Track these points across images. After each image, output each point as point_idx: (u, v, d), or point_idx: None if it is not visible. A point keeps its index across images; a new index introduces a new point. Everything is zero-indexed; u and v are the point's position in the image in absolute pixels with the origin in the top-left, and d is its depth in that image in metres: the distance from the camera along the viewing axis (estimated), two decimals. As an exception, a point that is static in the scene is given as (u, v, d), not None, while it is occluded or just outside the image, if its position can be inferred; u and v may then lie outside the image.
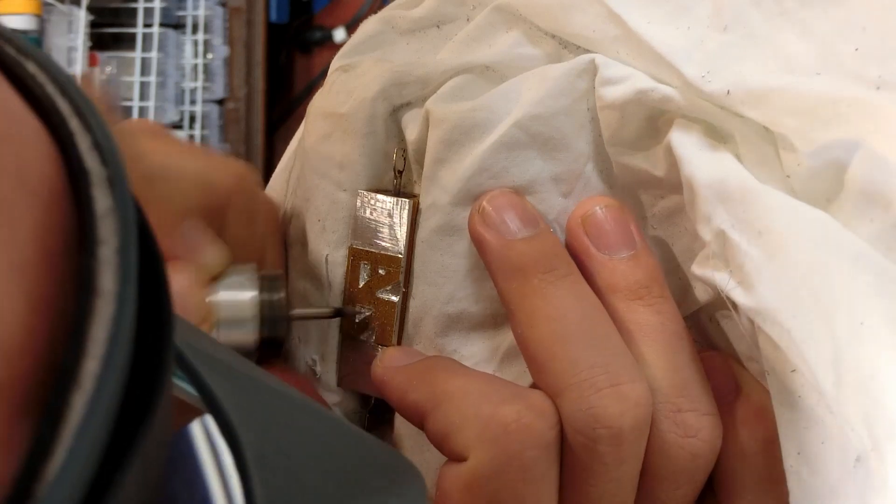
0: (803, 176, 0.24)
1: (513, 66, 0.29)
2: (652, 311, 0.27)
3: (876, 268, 0.22)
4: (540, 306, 0.26)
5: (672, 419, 0.25)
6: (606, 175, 0.29)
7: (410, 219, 0.30)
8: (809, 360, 0.22)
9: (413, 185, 0.31)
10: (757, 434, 0.26)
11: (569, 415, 0.25)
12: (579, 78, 0.28)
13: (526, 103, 0.28)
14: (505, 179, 0.28)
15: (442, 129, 0.29)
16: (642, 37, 0.26)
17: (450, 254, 0.29)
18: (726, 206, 0.24)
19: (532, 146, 0.28)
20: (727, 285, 0.24)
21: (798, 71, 0.24)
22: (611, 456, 0.25)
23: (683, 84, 0.25)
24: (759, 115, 0.24)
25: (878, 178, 0.23)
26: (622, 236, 0.27)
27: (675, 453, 0.25)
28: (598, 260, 0.27)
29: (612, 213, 0.28)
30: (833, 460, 0.22)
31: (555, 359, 0.25)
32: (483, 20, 0.30)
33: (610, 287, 0.27)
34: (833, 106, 0.23)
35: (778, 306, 0.23)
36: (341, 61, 0.32)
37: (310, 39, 1.59)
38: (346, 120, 0.31)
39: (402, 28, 0.32)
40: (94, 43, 1.34)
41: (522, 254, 0.27)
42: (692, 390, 0.26)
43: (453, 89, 0.29)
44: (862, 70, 0.23)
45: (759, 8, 0.24)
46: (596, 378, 0.25)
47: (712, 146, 0.26)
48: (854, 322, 0.22)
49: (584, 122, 0.28)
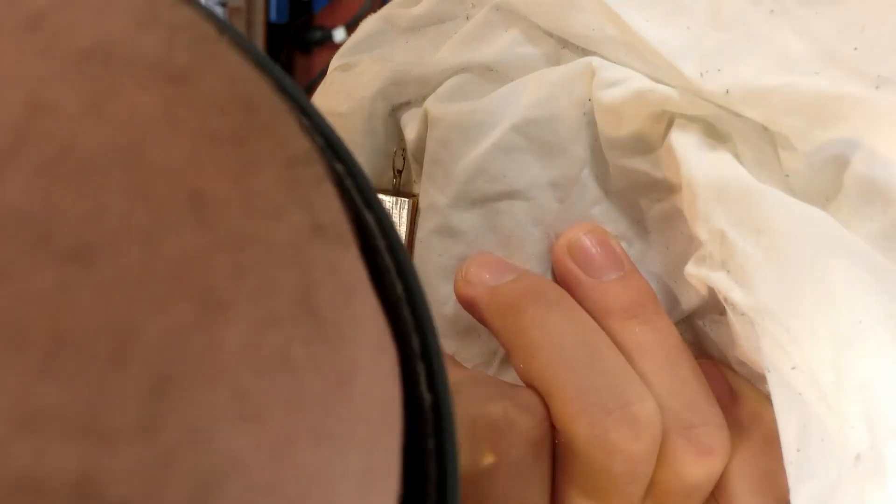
0: (802, 175, 0.24)
1: (512, 65, 0.29)
2: (648, 328, 0.27)
3: (875, 267, 0.22)
4: (538, 336, 0.26)
5: (685, 436, 0.25)
6: (602, 181, 0.28)
7: (410, 218, 0.30)
8: (809, 358, 0.22)
9: (413, 184, 0.31)
10: (753, 437, 0.26)
11: (583, 441, 0.25)
12: (576, 82, 0.28)
13: (523, 107, 0.28)
14: (502, 183, 0.28)
15: (440, 128, 0.29)
16: (641, 36, 0.26)
17: (447, 255, 0.29)
18: (725, 205, 0.24)
19: (529, 150, 0.28)
20: (725, 285, 0.24)
21: (797, 70, 0.24)
22: (624, 477, 0.25)
23: (682, 83, 0.25)
24: (757, 115, 0.24)
25: (878, 177, 0.23)
26: (609, 259, 0.27)
27: (688, 471, 0.25)
28: (589, 285, 0.27)
29: (597, 238, 0.28)
30: (832, 458, 0.22)
31: (560, 386, 0.25)
32: (482, 19, 0.30)
33: (604, 310, 0.27)
34: (832, 105, 0.23)
35: (777, 305, 0.23)
36: (340, 60, 0.32)
37: (310, 39, 1.59)
38: (345, 119, 0.31)
39: (401, 26, 0.32)
40: (93, 43, 1.34)
41: (511, 292, 0.27)
42: (700, 404, 0.26)
43: (452, 88, 0.29)
44: (861, 69, 0.23)
45: (758, 6, 0.24)
46: (604, 401, 0.25)
47: (711, 146, 0.26)
48: (853, 321, 0.22)
49: (581, 126, 0.28)
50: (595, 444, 0.24)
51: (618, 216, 0.29)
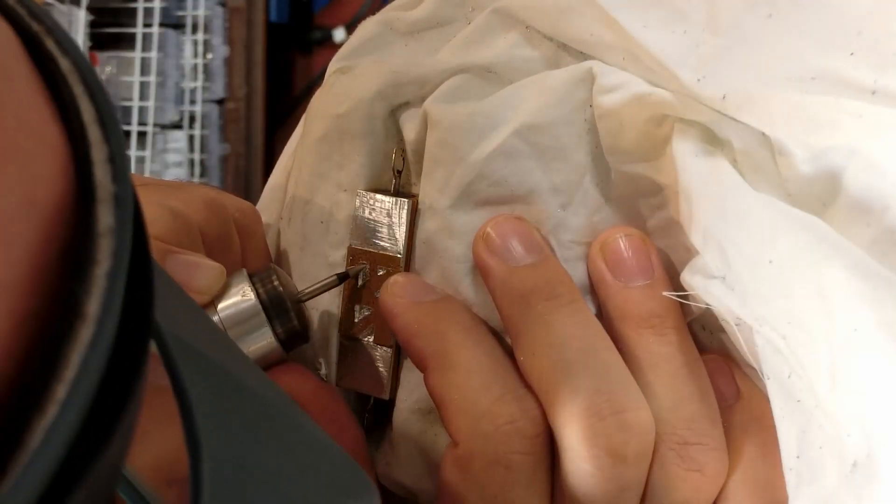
0: (799, 181, 0.24)
1: (511, 67, 0.29)
2: (663, 341, 0.26)
3: (870, 274, 0.22)
4: (542, 334, 0.26)
5: (677, 451, 0.25)
6: (604, 188, 0.28)
7: (409, 219, 0.30)
8: (806, 365, 0.22)
9: (412, 185, 0.31)
10: (756, 439, 0.26)
11: (574, 443, 0.25)
12: (577, 87, 0.27)
13: (525, 112, 0.28)
14: (503, 188, 0.28)
15: (439, 130, 0.29)
16: (638, 40, 0.26)
17: (447, 258, 0.29)
18: (721, 213, 0.24)
19: (531, 156, 0.28)
20: (721, 293, 0.24)
21: (793, 75, 0.24)
22: (614, 483, 0.25)
23: (679, 88, 0.25)
24: (754, 120, 0.24)
25: (874, 183, 0.23)
26: (639, 265, 0.27)
27: (677, 485, 0.25)
28: (613, 287, 0.27)
29: (632, 242, 0.28)
30: (831, 465, 0.22)
31: (557, 387, 0.25)
32: (482, 22, 0.30)
33: (622, 315, 0.27)
34: (828, 111, 0.23)
35: (773, 312, 0.23)
36: (339, 63, 0.32)
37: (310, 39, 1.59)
38: (345, 120, 0.31)
39: (400, 30, 0.32)
40: (93, 43, 1.34)
41: (525, 281, 0.27)
42: (700, 424, 0.26)
43: (451, 89, 0.29)
44: (857, 75, 0.23)
45: (755, 12, 0.24)
46: (599, 406, 0.25)
47: (708, 152, 0.26)
48: (848, 328, 0.22)
49: (582, 132, 0.28)
50: (586, 447, 0.24)
51: (618, 223, 0.29)
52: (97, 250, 0.11)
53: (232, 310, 0.29)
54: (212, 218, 0.31)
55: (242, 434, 0.15)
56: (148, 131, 1.39)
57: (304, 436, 0.17)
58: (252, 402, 0.17)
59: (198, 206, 0.31)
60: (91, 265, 0.11)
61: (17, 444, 0.10)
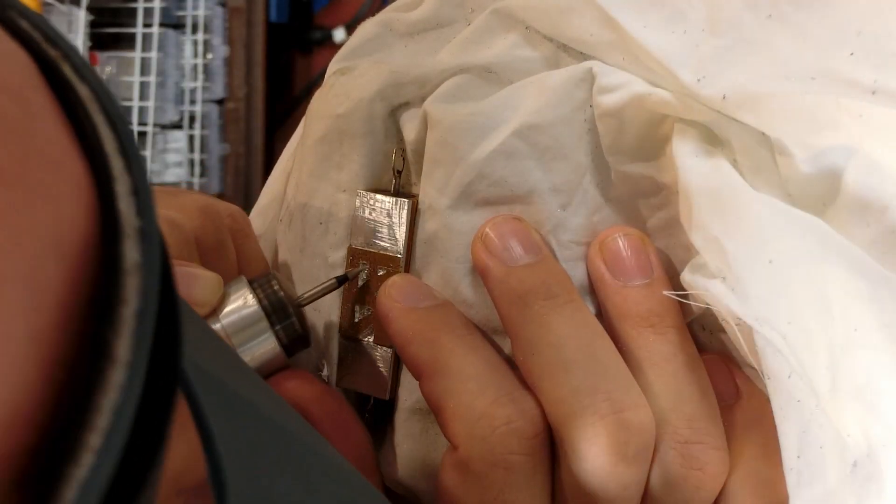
0: (799, 181, 0.24)
1: (511, 67, 0.29)
2: (663, 339, 0.26)
3: (870, 274, 0.22)
4: (540, 334, 0.26)
5: (678, 450, 0.25)
6: (603, 188, 0.28)
7: (409, 219, 0.30)
8: (806, 365, 0.22)
9: (412, 185, 0.31)
10: (757, 439, 0.26)
11: (574, 443, 0.25)
12: (577, 87, 0.27)
13: (525, 112, 0.28)
14: (503, 188, 0.28)
15: (439, 130, 0.29)
16: (638, 41, 0.26)
17: (447, 258, 0.29)
18: (720, 213, 0.24)
19: (531, 156, 0.28)
20: (721, 293, 0.24)
21: (793, 75, 0.24)
22: (614, 483, 0.25)
23: (679, 88, 0.25)
24: (754, 120, 0.24)
25: (874, 183, 0.23)
26: (638, 264, 0.27)
27: (678, 484, 0.25)
28: (612, 286, 0.27)
29: (631, 241, 0.28)
30: (831, 465, 0.22)
31: (556, 387, 0.25)
32: (482, 23, 0.30)
33: (621, 314, 0.27)
34: (828, 111, 0.23)
35: (773, 312, 0.23)
36: (339, 64, 0.32)
37: (310, 39, 1.60)
38: (344, 121, 0.31)
39: (400, 31, 0.32)
40: (93, 43, 1.34)
41: (523, 281, 0.27)
42: (701, 423, 0.26)
43: (451, 89, 0.29)
44: (857, 74, 0.23)
45: (754, 12, 0.24)
46: (598, 405, 0.25)
47: (708, 152, 0.26)
48: (848, 328, 0.22)
49: (582, 132, 0.28)
50: (586, 447, 0.24)
51: (618, 223, 0.29)
52: (124, 289, 0.11)
53: (234, 317, 0.29)
54: (207, 225, 0.31)
55: (266, 467, 0.15)
56: (148, 131, 1.39)
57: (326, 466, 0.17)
58: (274, 433, 0.16)
59: (193, 214, 0.31)
60: (118, 304, 0.11)
61: (52, 495, 0.10)
